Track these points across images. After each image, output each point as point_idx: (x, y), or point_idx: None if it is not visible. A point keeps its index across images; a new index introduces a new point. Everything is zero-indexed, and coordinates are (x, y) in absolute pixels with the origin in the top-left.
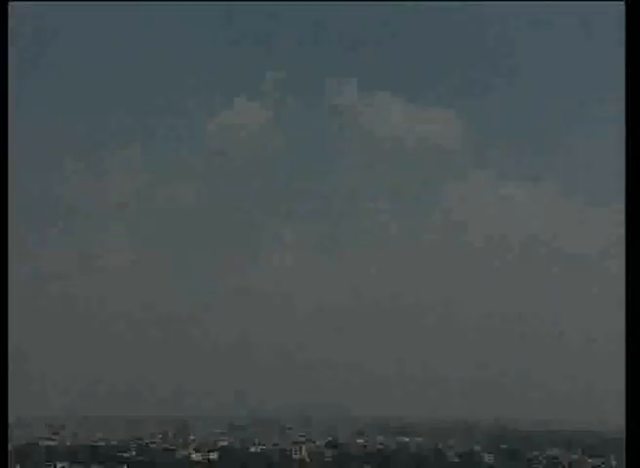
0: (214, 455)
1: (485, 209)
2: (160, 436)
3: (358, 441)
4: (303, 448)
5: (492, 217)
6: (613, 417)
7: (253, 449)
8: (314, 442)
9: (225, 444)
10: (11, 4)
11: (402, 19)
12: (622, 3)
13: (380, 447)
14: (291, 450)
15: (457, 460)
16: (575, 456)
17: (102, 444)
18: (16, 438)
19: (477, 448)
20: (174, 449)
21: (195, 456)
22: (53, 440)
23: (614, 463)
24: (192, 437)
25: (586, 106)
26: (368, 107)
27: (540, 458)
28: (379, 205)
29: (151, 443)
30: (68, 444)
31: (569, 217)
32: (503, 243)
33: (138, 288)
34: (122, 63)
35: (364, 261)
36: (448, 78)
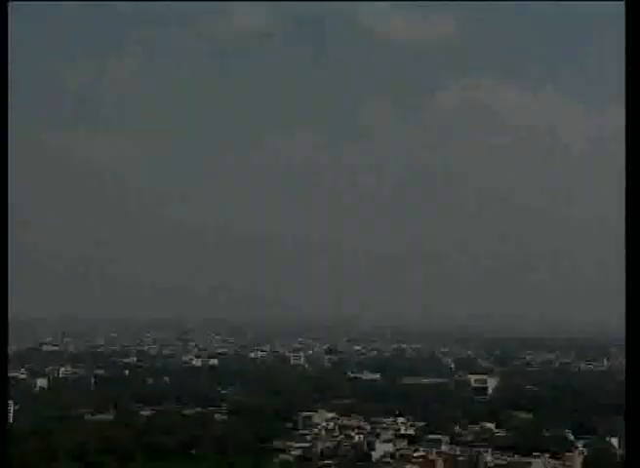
0: (214, 361)
1: (483, 109)
2: (160, 342)
3: (356, 347)
4: (302, 354)
5: (491, 116)
6: (608, 322)
7: (252, 355)
8: (313, 348)
9: (225, 350)
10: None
11: None
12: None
13: (377, 352)
14: (290, 357)
15: (452, 365)
16: (567, 360)
17: (104, 350)
18: (19, 340)
19: (472, 353)
20: (174, 355)
21: (196, 362)
22: (55, 345)
23: (606, 365)
24: (193, 343)
25: (587, 16)
26: (369, 13)
27: (534, 363)
28: (378, 98)
29: (152, 348)
30: (71, 349)
31: (567, 117)
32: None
33: (138, 173)
34: None
35: (363, 150)
36: None
